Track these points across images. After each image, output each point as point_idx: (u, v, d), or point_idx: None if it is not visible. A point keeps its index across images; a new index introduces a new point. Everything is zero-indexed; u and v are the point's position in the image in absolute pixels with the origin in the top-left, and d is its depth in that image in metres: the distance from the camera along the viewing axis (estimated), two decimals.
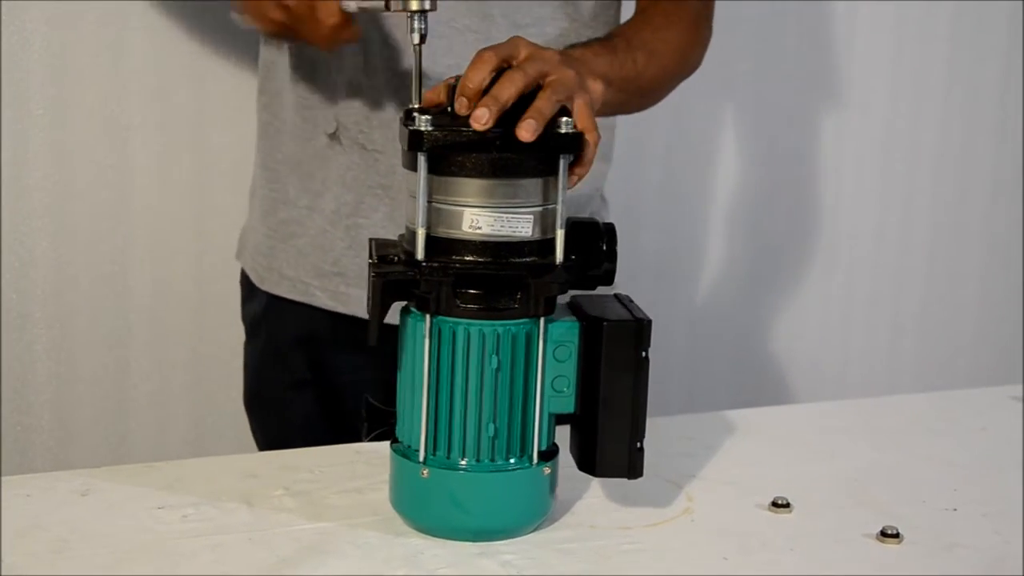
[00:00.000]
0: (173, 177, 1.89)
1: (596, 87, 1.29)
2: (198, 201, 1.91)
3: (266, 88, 1.61)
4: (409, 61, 1.45)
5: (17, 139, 1.79)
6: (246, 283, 1.67)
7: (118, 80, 1.83)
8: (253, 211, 1.65)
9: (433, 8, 1.23)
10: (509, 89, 1.10)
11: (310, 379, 1.60)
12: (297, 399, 1.61)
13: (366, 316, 1.40)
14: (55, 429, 1.88)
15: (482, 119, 1.08)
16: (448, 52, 1.44)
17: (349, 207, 1.53)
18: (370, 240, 1.16)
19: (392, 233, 1.50)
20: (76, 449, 1.90)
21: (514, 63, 1.14)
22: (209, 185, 1.91)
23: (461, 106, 1.10)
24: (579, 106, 1.14)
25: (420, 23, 1.22)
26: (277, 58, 1.59)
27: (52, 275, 1.84)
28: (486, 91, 1.10)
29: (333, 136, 1.53)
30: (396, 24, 1.46)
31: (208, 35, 1.87)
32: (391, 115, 1.49)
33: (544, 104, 1.10)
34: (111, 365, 1.90)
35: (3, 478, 1.19)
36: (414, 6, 1.23)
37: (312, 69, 1.54)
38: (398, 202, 1.51)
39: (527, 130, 1.07)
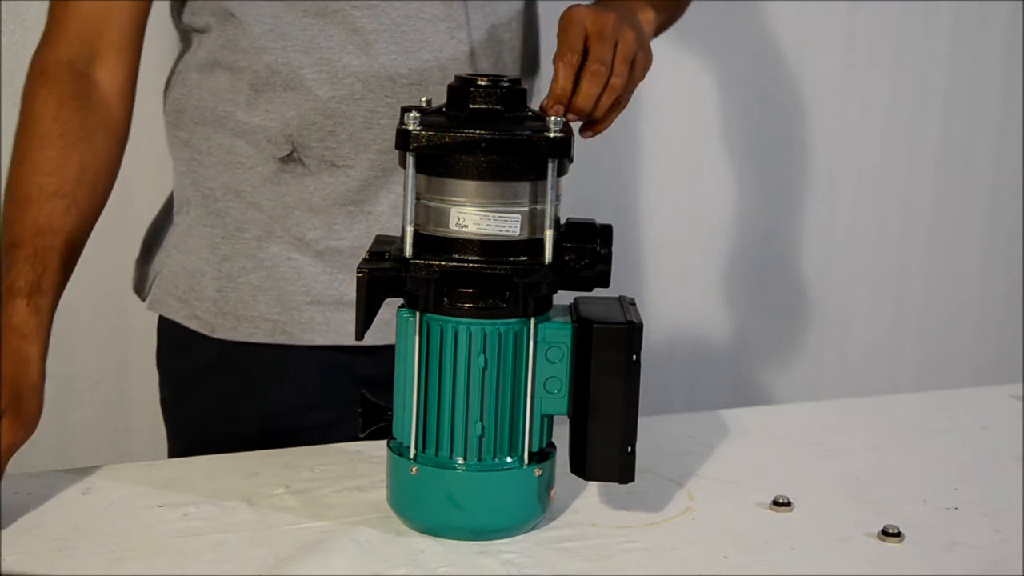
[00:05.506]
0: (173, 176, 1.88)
1: (648, 28, 1.38)
2: None
3: (182, 124, 1.47)
4: (377, 65, 1.39)
5: None
6: (175, 333, 1.48)
7: None
8: (172, 255, 1.48)
9: None
10: (590, 102, 1.19)
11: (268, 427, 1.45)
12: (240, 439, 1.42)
13: (351, 342, 1.36)
14: (56, 428, 1.88)
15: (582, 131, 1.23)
16: (423, 45, 1.41)
17: (320, 231, 1.42)
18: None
19: None
20: (77, 447, 1.90)
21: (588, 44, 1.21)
22: None
23: (557, 112, 1.16)
24: (635, 81, 1.25)
25: None
26: (188, 96, 1.46)
27: None
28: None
29: (288, 159, 1.42)
30: (367, 30, 1.39)
31: None
32: (358, 126, 1.41)
33: (612, 115, 1.22)
34: (111, 364, 1.90)
35: (3, 476, 1.19)
36: None
37: (252, 96, 1.41)
38: (375, 216, 1.43)
39: (587, 133, 1.23)
